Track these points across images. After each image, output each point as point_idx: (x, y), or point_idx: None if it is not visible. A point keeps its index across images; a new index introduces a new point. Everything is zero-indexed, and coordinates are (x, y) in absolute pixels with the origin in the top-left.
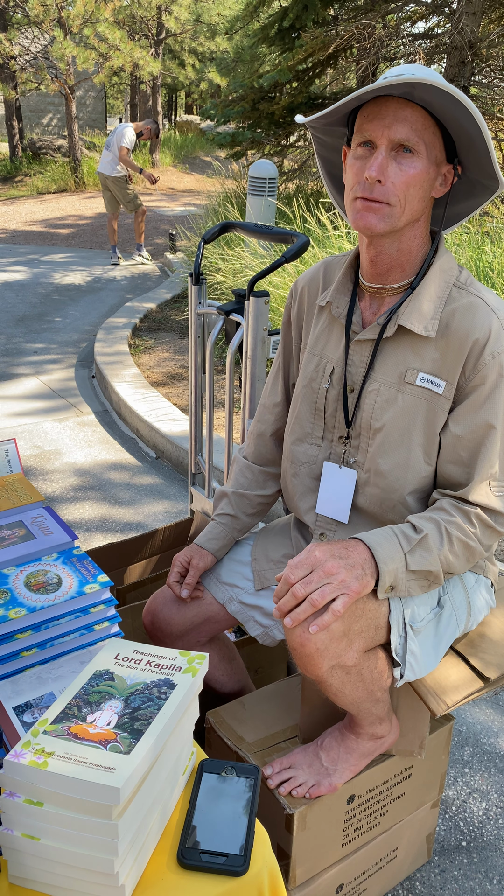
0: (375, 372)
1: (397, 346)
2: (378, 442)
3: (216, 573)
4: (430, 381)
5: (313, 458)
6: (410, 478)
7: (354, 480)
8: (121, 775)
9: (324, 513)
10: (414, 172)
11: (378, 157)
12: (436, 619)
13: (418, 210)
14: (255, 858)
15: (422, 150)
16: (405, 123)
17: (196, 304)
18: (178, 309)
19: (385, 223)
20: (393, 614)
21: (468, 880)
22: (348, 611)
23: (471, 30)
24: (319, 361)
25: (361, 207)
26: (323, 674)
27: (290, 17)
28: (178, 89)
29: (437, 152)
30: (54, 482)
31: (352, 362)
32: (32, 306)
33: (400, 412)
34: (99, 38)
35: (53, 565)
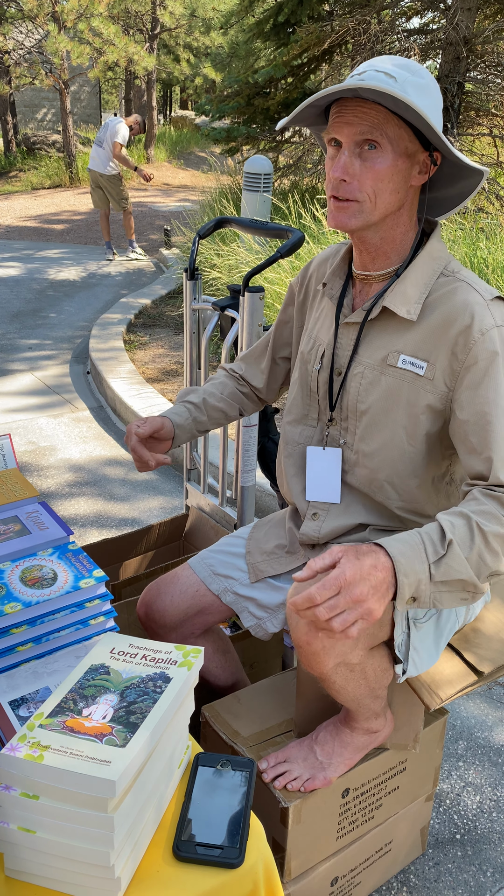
0: (360, 355)
1: (382, 330)
2: (364, 424)
3: (211, 565)
4: (411, 362)
5: (308, 438)
6: (396, 458)
7: (340, 459)
8: (116, 768)
9: (314, 498)
10: (380, 168)
11: (342, 157)
12: (437, 614)
13: (393, 202)
14: (251, 851)
15: (385, 143)
16: (364, 120)
17: (191, 300)
18: (173, 305)
19: (356, 219)
20: (397, 611)
21: (462, 873)
22: None
23: (466, 25)
24: (313, 344)
25: (333, 207)
26: (327, 672)
27: (285, 13)
28: (172, 84)
29: (405, 143)
30: (49, 478)
31: (340, 345)
32: (27, 302)
33: (383, 394)
34: (93, 33)
35: (49, 560)
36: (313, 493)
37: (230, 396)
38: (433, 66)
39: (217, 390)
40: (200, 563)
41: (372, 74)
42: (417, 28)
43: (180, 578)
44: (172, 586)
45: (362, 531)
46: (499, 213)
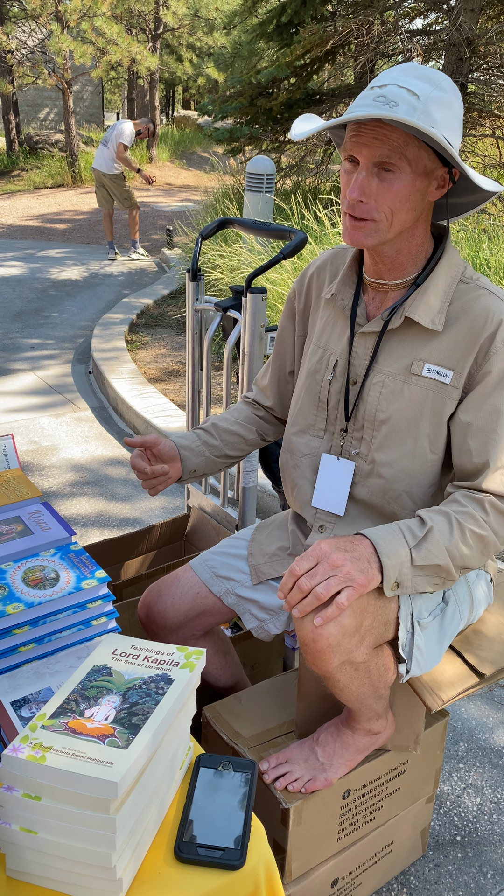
0: (379, 364)
1: (403, 339)
2: (384, 433)
3: (213, 567)
4: (436, 371)
5: (315, 449)
6: (417, 467)
7: (352, 472)
8: (118, 770)
9: (320, 505)
10: (397, 189)
11: (359, 177)
12: (441, 615)
13: (409, 219)
14: (252, 852)
15: (404, 165)
16: (383, 143)
17: (194, 301)
18: (175, 305)
19: (373, 237)
20: (402, 610)
21: (462, 874)
22: (359, 607)
23: (469, 27)
24: (323, 353)
25: (349, 225)
26: (332, 670)
27: (288, 13)
28: (175, 84)
29: (425, 162)
30: (51, 478)
31: (355, 354)
32: (29, 301)
33: (407, 403)
34: (96, 33)
35: (51, 561)
36: (319, 501)
37: (245, 420)
38: (436, 66)
39: (231, 415)
40: (202, 565)
41: (394, 92)
42: (420, 29)
43: (181, 580)
44: (173, 588)
45: None
46: (501, 215)
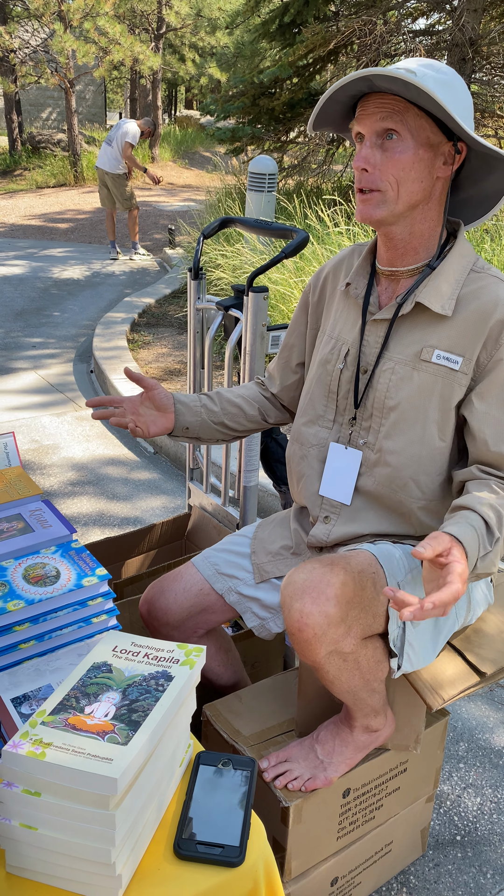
0: (390, 351)
1: (413, 326)
2: (392, 420)
3: (216, 564)
4: (446, 357)
5: (323, 440)
6: (424, 454)
7: (359, 462)
8: (118, 766)
9: (327, 494)
10: (400, 157)
11: (363, 148)
12: (436, 623)
13: (417, 192)
14: (251, 849)
15: (405, 132)
16: (383, 110)
17: (195, 300)
18: (177, 304)
19: (381, 209)
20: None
21: (462, 874)
22: (345, 597)
23: (472, 27)
24: (335, 344)
25: (359, 200)
26: (320, 660)
27: (290, 13)
28: (178, 84)
29: (427, 134)
30: (52, 476)
31: (366, 343)
32: (31, 300)
33: (416, 389)
34: (99, 32)
35: (52, 558)
36: (327, 490)
37: (250, 396)
38: None
39: (237, 389)
40: (205, 562)
41: (392, 70)
42: (423, 29)
43: (184, 577)
44: (176, 584)
45: (370, 540)
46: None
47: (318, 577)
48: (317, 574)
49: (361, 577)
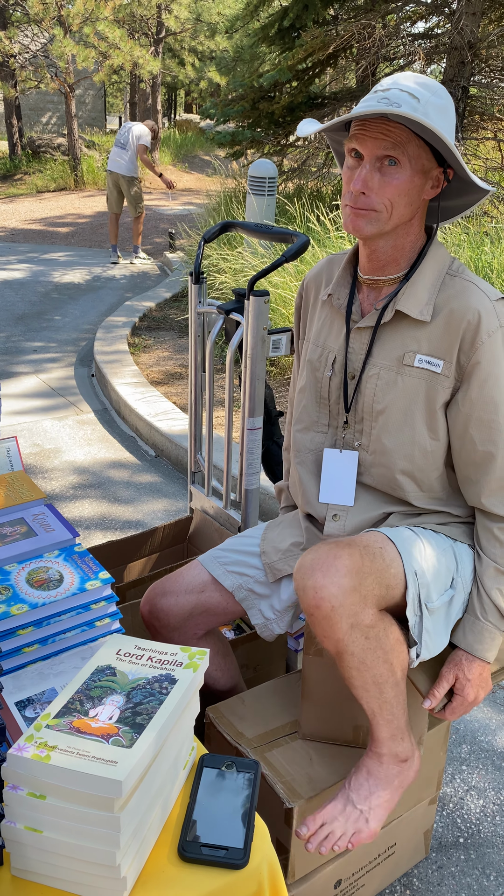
0: (374, 357)
1: (395, 332)
2: (381, 423)
3: (224, 563)
4: (427, 361)
5: (319, 445)
6: (417, 454)
7: (356, 462)
8: (123, 768)
9: (328, 500)
10: (397, 183)
11: (362, 171)
12: (449, 601)
13: (406, 214)
14: (255, 852)
15: (405, 161)
16: (387, 138)
17: (196, 304)
18: (178, 308)
19: (373, 226)
20: (410, 591)
21: (465, 876)
22: (353, 566)
23: (470, 30)
24: (322, 352)
25: (350, 213)
26: (343, 636)
27: (290, 17)
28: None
29: (423, 161)
30: (54, 480)
31: (352, 350)
32: (32, 305)
33: (401, 393)
34: (99, 37)
35: (55, 562)
36: (327, 496)
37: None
38: (438, 70)
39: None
40: (212, 561)
41: (397, 94)
42: (422, 32)
43: (187, 576)
44: (178, 584)
45: (387, 518)
46: (503, 217)
47: (325, 553)
48: (323, 551)
49: (369, 549)
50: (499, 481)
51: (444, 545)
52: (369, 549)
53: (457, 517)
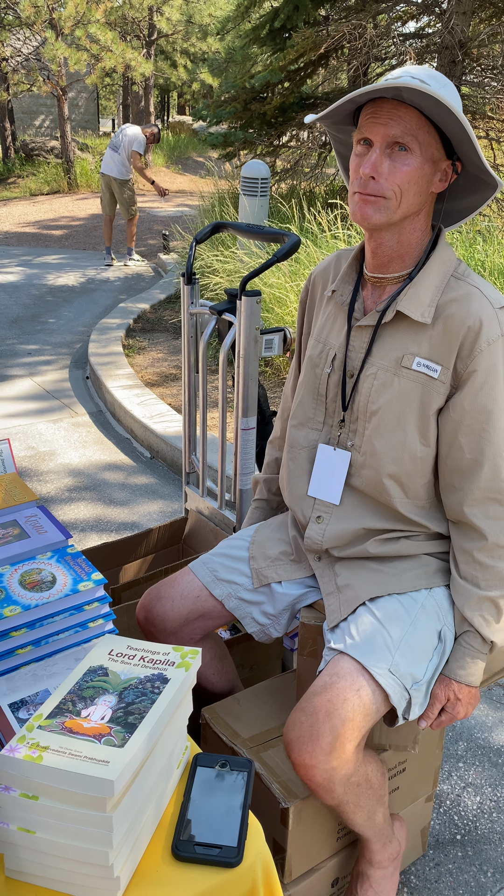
0: (373, 357)
1: (395, 332)
2: (374, 424)
3: (214, 570)
4: (426, 365)
5: (313, 442)
6: (406, 459)
7: (347, 462)
8: (115, 768)
9: (316, 495)
10: (408, 169)
11: (373, 155)
12: (440, 656)
13: (415, 204)
14: (249, 850)
15: (416, 148)
16: (399, 122)
17: (189, 304)
18: (172, 309)
19: (381, 214)
20: (392, 699)
21: (462, 873)
22: (337, 736)
23: (461, 29)
24: (323, 348)
25: (358, 200)
26: (339, 795)
27: (281, 18)
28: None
29: (433, 150)
30: (49, 483)
31: (352, 348)
32: (26, 307)
33: (396, 395)
34: (90, 40)
35: (48, 563)
36: (315, 490)
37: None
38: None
39: (267, 472)
40: (202, 568)
41: (408, 80)
42: (413, 32)
43: (181, 583)
44: (173, 590)
45: (365, 541)
46: (496, 217)
47: (308, 730)
48: (305, 728)
49: (346, 704)
50: (482, 491)
51: (422, 611)
52: (346, 704)
53: (434, 536)
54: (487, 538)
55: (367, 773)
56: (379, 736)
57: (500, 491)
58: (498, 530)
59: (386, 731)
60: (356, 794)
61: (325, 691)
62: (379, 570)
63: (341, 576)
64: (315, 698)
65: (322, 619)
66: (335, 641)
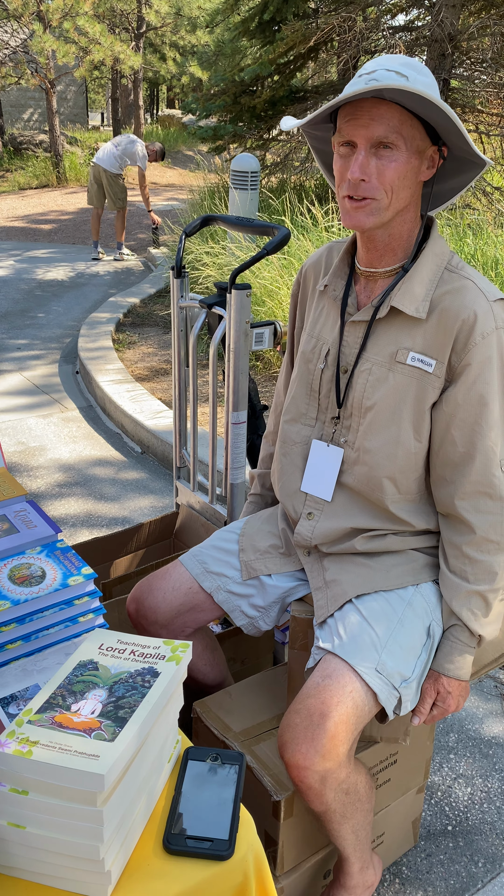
0: (368, 352)
1: (389, 327)
2: (369, 420)
3: (204, 562)
4: (420, 359)
5: (306, 438)
6: (400, 454)
7: (340, 459)
8: (105, 762)
9: (308, 490)
10: (395, 166)
11: (358, 157)
12: (428, 652)
13: (406, 198)
14: (241, 843)
15: (401, 143)
16: (381, 122)
17: (178, 298)
18: (162, 304)
19: (374, 217)
20: (380, 697)
21: (454, 864)
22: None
23: (450, 22)
24: (316, 343)
25: (350, 207)
26: (329, 800)
27: (270, 10)
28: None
29: (418, 141)
30: (39, 478)
31: (346, 343)
32: (15, 302)
33: (391, 390)
34: (79, 32)
35: (37, 558)
36: (308, 486)
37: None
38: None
39: (261, 468)
40: (193, 560)
41: (384, 74)
42: (403, 25)
43: (172, 575)
44: (164, 582)
45: (352, 538)
46: (486, 210)
47: (303, 732)
48: (300, 730)
49: (339, 706)
50: (473, 485)
51: (409, 608)
52: (340, 705)
53: (422, 532)
54: (476, 532)
55: (356, 782)
56: (370, 729)
57: (491, 485)
58: (487, 524)
59: (377, 723)
60: (344, 803)
61: (318, 693)
62: (367, 566)
63: (330, 570)
64: (308, 700)
65: (313, 613)
66: (323, 640)
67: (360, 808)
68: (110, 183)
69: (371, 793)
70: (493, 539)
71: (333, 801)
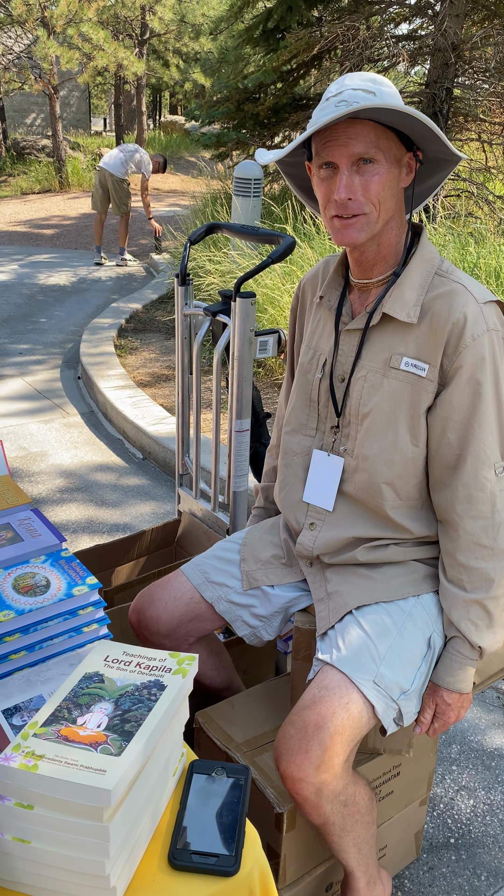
0: (363, 359)
1: (383, 334)
2: (366, 427)
3: (205, 572)
4: (413, 364)
5: (307, 448)
6: (398, 460)
7: (341, 468)
8: (111, 777)
9: (310, 500)
10: (378, 178)
11: (342, 177)
12: (428, 664)
13: (392, 207)
14: (246, 858)
15: (380, 156)
16: (358, 139)
17: (182, 305)
18: (164, 310)
19: (365, 231)
20: (378, 710)
21: (456, 877)
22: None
23: (454, 31)
24: (314, 354)
25: (339, 226)
26: (326, 812)
27: (274, 18)
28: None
29: (395, 151)
30: (40, 484)
31: (342, 352)
32: (17, 307)
33: (386, 396)
34: (83, 38)
35: (41, 567)
36: (310, 496)
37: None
38: (421, 71)
39: (265, 480)
40: (194, 570)
41: (352, 94)
42: (406, 34)
43: (174, 585)
44: (166, 592)
45: (354, 549)
46: (488, 218)
47: (297, 744)
48: (294, 742)
49: (334, 717)
50: (465, 487)
51: (409, 619)
52: (335, 717)
53: (423, 542)
54: (467, 536)
55: (354, 793)
56: (373, 740)
57: (482, 487)
58: (478, 528)
59: (380, 735)
60: (343, 815)
61: (314, 705)
62: (368, 577)
63: (332, 582)
64: (304, 712)
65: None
66: (323, 652)
67: (361, 820)
68: (115, 187)
69: (372, 805)
70: (485, 544)
71: (332, 813)
